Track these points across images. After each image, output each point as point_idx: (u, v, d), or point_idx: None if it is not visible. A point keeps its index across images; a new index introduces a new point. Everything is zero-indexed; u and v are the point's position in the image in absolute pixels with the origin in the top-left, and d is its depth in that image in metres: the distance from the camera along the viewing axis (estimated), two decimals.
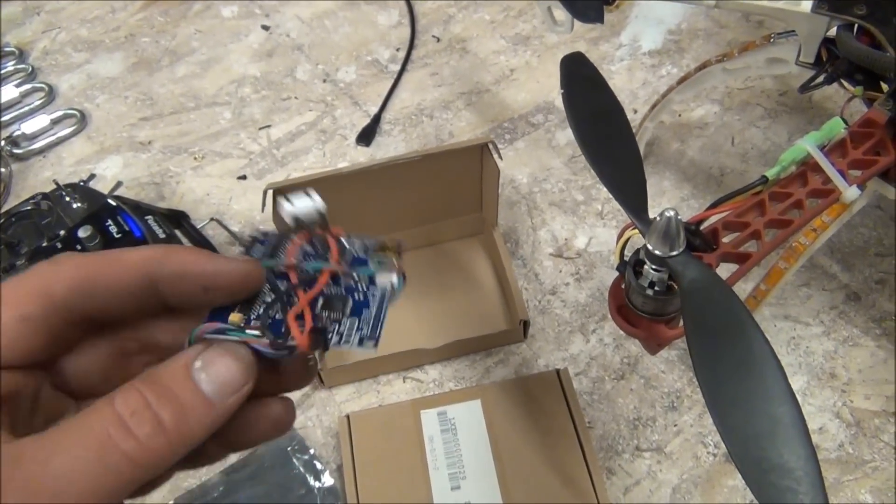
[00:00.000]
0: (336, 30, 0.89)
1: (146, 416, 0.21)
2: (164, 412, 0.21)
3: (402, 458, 0.55)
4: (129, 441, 0.21)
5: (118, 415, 0.21)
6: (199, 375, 0.23)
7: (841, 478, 0.55)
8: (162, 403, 0.22)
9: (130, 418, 0.21)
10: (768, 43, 0.59)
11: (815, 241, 0.52)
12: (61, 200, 0.64)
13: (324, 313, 0.27)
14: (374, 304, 0.27)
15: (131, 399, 0.21)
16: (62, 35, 0.91)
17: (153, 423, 0.21)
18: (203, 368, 0.23)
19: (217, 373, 0.23)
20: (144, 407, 0.21)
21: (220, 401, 0.23)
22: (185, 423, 0.22)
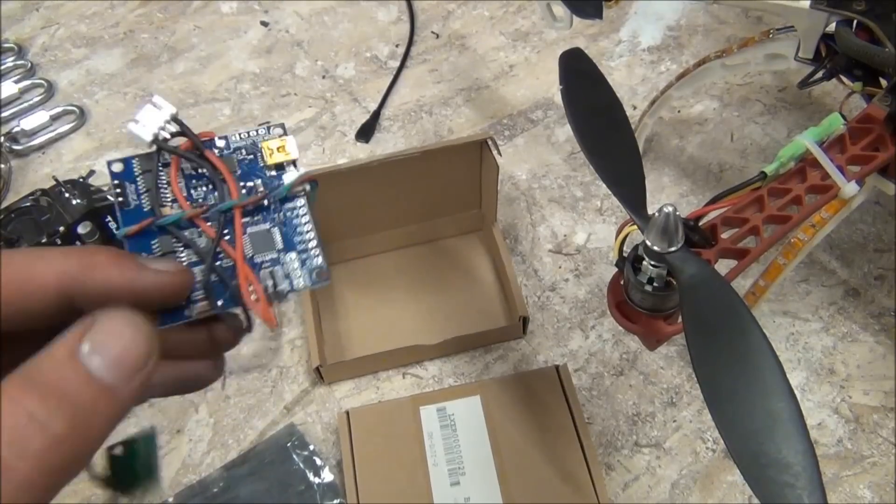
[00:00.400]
0: (335, 26, 0.89)
1: (33, 429, 0.17)
2: (55, 421, 0.18)
3: (402, 454, 0.56)
4: (22, 464, 0.17)
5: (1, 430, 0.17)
6: (90, 361, 0.19)
7: (840, 473, 0.56)
8: (48, 410, 0.18)
9: (16, 439, 0.17)
10: (767, 39, 0.59)
11: (813, 236, 0.52)
12: (60, 197, 0.64)
13: (259, 260, 0.24)
14: (302, 223, 0.25)
15: (10, 412, 0.17)
16: (61, 31, 0.91)
17: (43, 437, 0.17)
18: (94, 351, 0.19)
19: (112, 353, 0.19)
20: (27, 419, 0.17)
21: (124, 385, 0.19)
22: (85, 425, 0.18)
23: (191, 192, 0.25)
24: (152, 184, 0.25)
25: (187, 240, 0.24)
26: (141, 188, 0.25)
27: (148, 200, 0.25)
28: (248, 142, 0.26)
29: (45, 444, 0.17)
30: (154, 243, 0.24)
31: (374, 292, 0.67)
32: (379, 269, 0.68)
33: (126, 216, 0.24)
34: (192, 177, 0.25)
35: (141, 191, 0.25)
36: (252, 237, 0.24)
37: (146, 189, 0.25)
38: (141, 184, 0.25)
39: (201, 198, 0.25)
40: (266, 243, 0.24)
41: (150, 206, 0.24)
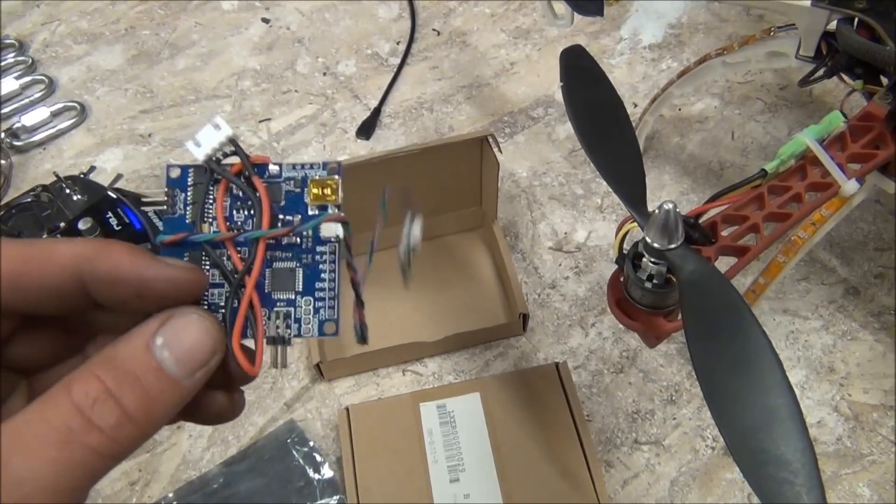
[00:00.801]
0: (336, 23, 0.89)
1: (108, 405, 0.20)
2: (128, 399, 0.20)
3: (402, 451, 0.56)
4: (92, 434, 0.19)
5: (78, 406, 0.19)
6: (161, 354, 0.21)
7: (839, 471, 0.56)
8: (124, 390, 0.20)
9: (92, 409, 0.19)
10: (768, 36, 0.59)
11: (814, 234, 0.52)
12: (61, 192, 0.64)
13: (276, 297, 0.24)
14: (326, 271, 0.24)
15: (90, 387, 0.20)
16: (62, 27, 0.91)
17: (117, 413, 0.20)
18: (166, 345, 0.21)
19: (181, 349, 0.21)
20: (105, 395, 0.20)
21: (187, 378, 0.21)
22: (152, 408, 0.20)
23: (233, 213, 0.25)
24: (200, 198, 0.25)
25: (216, 259, 0.24)
26: (189, 199, 0.25)
27: (192, 213, 0.25)
28: (299, 174, 0.25)
29: (116, 419, 0.20)
30: (184, 257, 0.24)
31: (374, 289, 0.67)
32: (379, 265, 0.68)
33: (168, 223, 0.25)
34: (239, 199, 0.25)
35: (188, 202, 0.25)
36: (275, 273, 0.24)
37: (193, 201, 0.25)
38: (190, 195, 0.25)
39: (241, 221, 0.25)
40: (287, 282, 0.24)
41: (192, 219, 0.25)
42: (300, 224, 0.24)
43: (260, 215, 0.24)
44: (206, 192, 0.25)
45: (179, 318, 0.22)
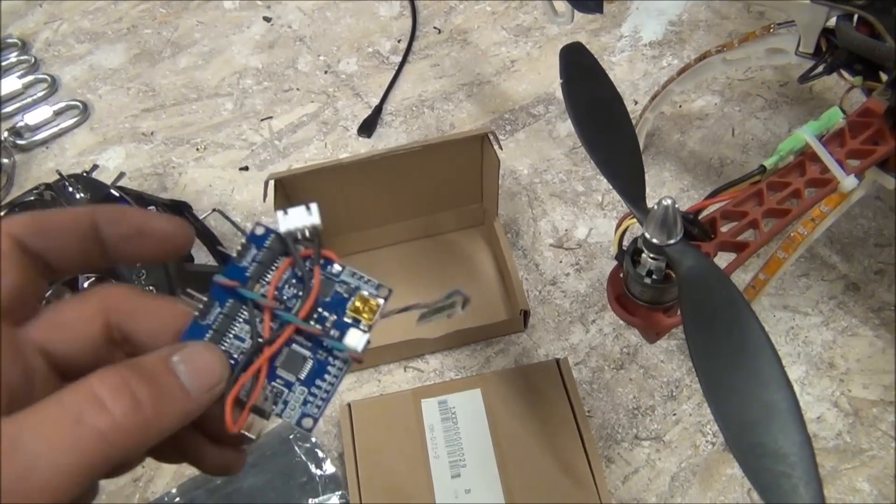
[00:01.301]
0: (337, 21, 0.89)
1: (123, 393, 0.21)
2: (142, 392, 0.21)
3: (403, 447, 0.56)
4: (103, 418, 0.20)
5: (93, 392, 0.21)
6: (177, 367, 0.23)
7: (839, 466, 0.56)
8: (140, 384, 0.21)
9: (107, 394, 0.21)
10: (768, 33, 0.59)
11: (813, 230, 0.52)
12: (64, 191, 0.65)
13: (280, 373, 0.26)
14: (331, 374, 0.26)
15: (109, 377, 0.21)
16: (64, 26, 0.92)
17: (130, 402, 0.21)
18: (181, 361, 0.23)
19: (194, 367, 0.23)
20: (122, 385, 0.21)
21: (196, 393, 0.23)
22: (162, 405, 0.22)
23: (285, 286, 0.26)
24: (266, 261, 0.26)
25: (251, 318, 0.26)
26: (258, 258, 0.27)
27: (253, 270, 0.26)
28: (354, 283, 0.27)
29: (128, 406, 0.21)
30: (228, 301, 0.26)
31: None
32: (380, 263, 0.68)
33: (232, 269, 0.26)
34: (296, 278, 0.26)
35: (256, 259, 0.27)
36: (290, 353, 0.26)
37: (259, 262, 0.27)
38: (261, 255, 0.27)
39: (287, 297, 0.26)
40: (295, 366, 0.26)
41: (250, 275, 0.26)
42: (331, 328, 0.26)
43: (304, 302, 0.26)
44: (273, 260, 0.27)
45: (195, 346, 0.24)
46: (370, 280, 0.27)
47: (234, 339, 0.26)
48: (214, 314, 0.26)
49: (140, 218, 0.26)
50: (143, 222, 0.26)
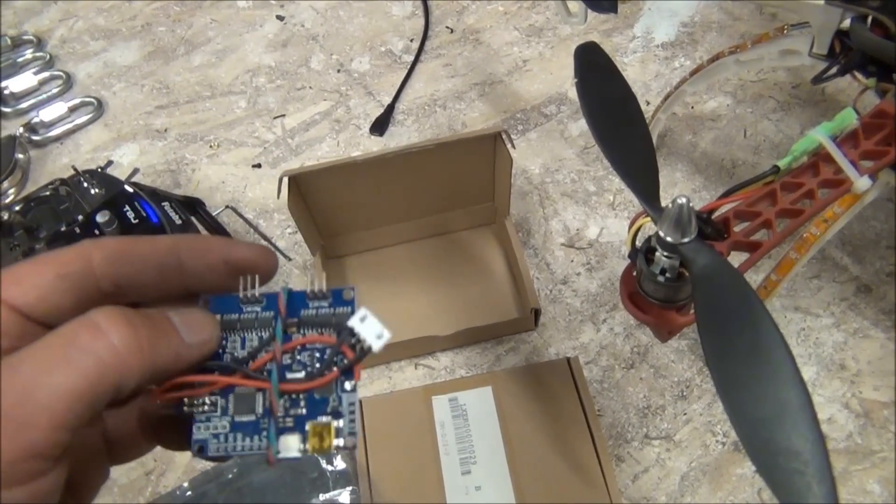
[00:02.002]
0: (350, 20, 0.90)
1: (122, 322, 0.21)
2: (139, 324, 0.22)
3: (414, 443, 0.56)
4: (100, 341, 0.21)
5: (92, 320, 0.21)
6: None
7: (849, 468, 0.56)
8: (137, 318, 0.22)
9: (105, 322, 0.21)
10: (782, 34, 0.59)
11: (826, 231, 0.52)
12: (79, 186, 0.65)
13: None
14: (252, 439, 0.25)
15: (108, 309, 0.22)
16: (79, 23, 0.92)
17: (128, 329, 0.21)
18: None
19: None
20: (121, 315, 0.22)
21: (189, 339, 0.24)
22: (158, 339, 0.23)
23: (305, 350, 0.26)
24: (314, 319, 0.26)
25: (257, 346, 0.26)
26: (275, 318, 0.26)
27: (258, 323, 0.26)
28: (343, 410, 0.26)
29: (125, 333, 0.21)
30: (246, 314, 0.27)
31: (387, 284, 0.67)
32: (392, 260, 0.69)
33: (229, 301, 0.27)
34: (320, 357, 0.26)
35: (271, 316, 0.26)
36: (244, 396, 0.26)
37: (267, 327, 0.26)
38: (280, 321, 0.26)
39: (295, 358, 0.26)
40: (245, 406, 0.26)
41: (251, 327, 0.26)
42: (285, 416, 0.25)
43: (301, 382, 0.25)
44: (286, 332, 0.26)
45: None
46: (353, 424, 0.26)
47: (233, 341, 0.26)
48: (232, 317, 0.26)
49: (224, 248, 0.26)
50: (228, 252, 0.26)
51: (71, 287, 0.24)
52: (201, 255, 0.26)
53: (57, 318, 0.24)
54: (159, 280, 0.25)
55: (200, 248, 0.26)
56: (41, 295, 0.23)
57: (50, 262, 0.24)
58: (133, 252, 0.25)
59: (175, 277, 0.26)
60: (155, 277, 0.25)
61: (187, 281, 0.26)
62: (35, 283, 0.23)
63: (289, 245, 0.71)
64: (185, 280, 0.26)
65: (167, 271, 0.25)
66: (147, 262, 0.25)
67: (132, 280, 0.25)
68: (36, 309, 0.23)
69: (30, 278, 0.23)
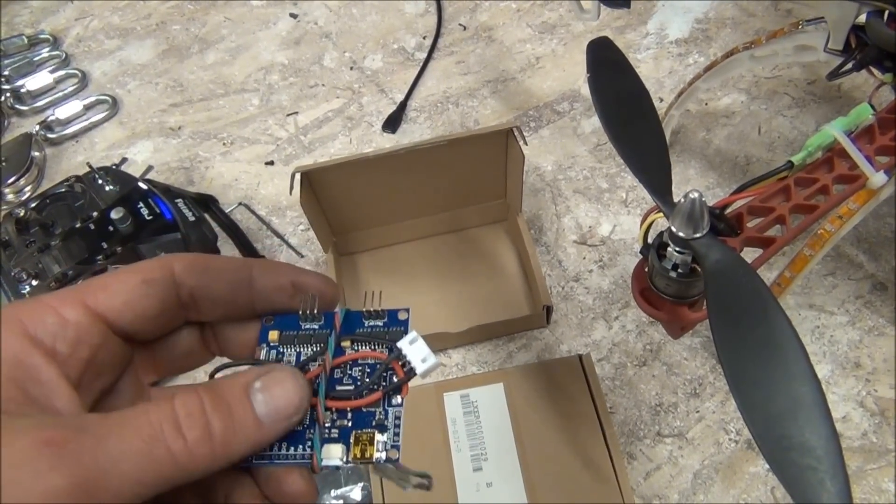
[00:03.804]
0: (363, 18, 0.90)
1: (199, 420, 0.22)
2: (216, 420, 0.22)
3: (425, 440, 0.56)
4: (177, 441, 0.21)
5: (175, 413, 0.22)
6: (255, 396, 0.24)
7: (864, 466, 0.55)
8: (215, 412, 0.22)
9: (184, 419, 0.22)
10: (797, 30, 0.58)
11: (840, 228, 0.52)
12: (94, 183, 0.66)
13: None
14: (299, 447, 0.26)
15: (189, 401, 0.22)
16: (95, 22, 0.93)
17: (203, 429, 0.22)
18: (261, 389, 0.24)
19: (273, 396, 0.24)
20: (199, 411, 0.22)
21: (270, 424, 0.24)
22: (232, 436, 0.23)
23: (355, 366, 0.27)
24: (329, 347, 0.27)
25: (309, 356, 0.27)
26: (330, 335, 0.27)
27: (313, 338, 0.28)
28: (388, 423, 0.27)
29: (200, 434, 0.22)
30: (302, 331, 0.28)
31: (400, 280, 0.67)
32: (404, 257, 0.69)
33: (289, 320, 0.28)
34: (370, 372, 0.27)
35: (324, 332, 0.28)
36: None
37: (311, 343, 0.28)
38: (333, 336, 0.27)
39: (344, 374, 0.27)
40: None
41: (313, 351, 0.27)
42: (331, 427, 0.26)
43: (349, 397, 0.26)
44: (338, 343, 0.27)
45: (279, 372, 0.25)
46: (398, 438, 0.26)
47: None
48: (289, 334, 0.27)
49: (293, 271, 0.28)
50: (296, 275, 0.28)
51: (156, 293, 0.25)
52: (272, 276, 0.27)
53: (142, 326, 0.25)
54: (230, 294, 0.27)
55: (272, 268, 0.27)
56: (128, 300, 0.24)
57: (134, 270, 0.25)
58: (210, 264, 0.26)
59: (244, 293, 0.27)
60: (226, 291, 0.26)
61: (255, 298, 0.27)
62: (121, 288, 0.24)
63: (301, 242, 0.71)
64: (253, 297, 0.27)
65: (239, 287, 0.27)
66: (222, 275, 0.26)
67: (206, 292, 0.26)
68: (122, 316, 0.24)
69: (116, 284, 0.24)
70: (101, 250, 0.61)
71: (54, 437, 0.20)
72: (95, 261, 0.60)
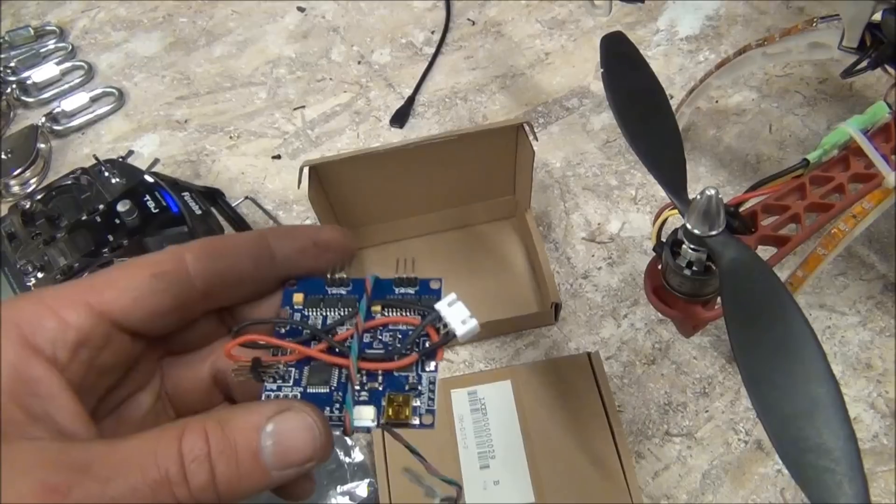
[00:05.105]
0: (371, 12, 0.89)
1: (204, 467, 0.21)
2: (221, 466, 0.21)
3: (432, 436, 0.56)
4: (181, 488, 0.21)
5: (182, 456, 0.21)
6: (265, 441, 0.22)
7: (875, 468, 0.55)
8: (221, 456, 0.21)
9: (189, 464, 0.21)
10: (810, 27, 0.58)
11: (854, 227, 0.51)
12: (100, 176, 0.65)
13: None
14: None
15: (197, 443, 0.21)
16: (101, 14, 0.92)
17: (207, 476, 0.21)
18: (272, 434, 0.22)
19: (284, 445, 0.22)
20: (205, 456, 0.21)
21: (277, 473, 0.22)
22: (236, 484, 0.22)
23: (386, 330, 0.26)
24: (361, 309, 0.26)
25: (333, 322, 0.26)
26: (401, 292, 0.27)
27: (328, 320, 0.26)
28: (422, 388, 0.26)
29: (204, 482, 0.21)
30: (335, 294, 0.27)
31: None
32: (412, 253, 0.68)
33: (314, 283, 0.27)
34: (402, 337, 0.26)
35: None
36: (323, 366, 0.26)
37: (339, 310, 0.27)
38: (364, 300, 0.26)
39: (375, 337, 0.26)
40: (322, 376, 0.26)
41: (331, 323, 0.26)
42: (362, 390, 0.25)
43: (380, 360, 0.25)
44: (369, 308, 0.26)
45: (296, 414, 0.23)
46: (433, 402, 0.26)
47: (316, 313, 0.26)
48: None
49: (310, 231, 0.27)
50: (315, 234, 0.27)
51: (167, 288, 0.23)
52: (290, 240, 0.26)
53: (153, 324, 0.24)
54: (254, 270, 0.26)
55: (288, 233, 0.26)
56: (137, 297, 0.23)
57: (143, 263, 0.23)
58: (224, 246, 0.25)
59: (267, 266, 0.26)
60: (250, 268, 0.25)
61: (279, 268, 0.26)
62: (130, 285, 0.23)
63: None
64: (277, 268, 0.26)
65: (260, 261, 0.26)
66: (240, 254, 0.25)
67: (226, 276, 0.25)
68: (130, 315, 0.23)
69: (124, 280, 0.23)
70: (107, 243, 0.60)
71: (57, 483, 0.19)
72: (101, 253, 0.60)
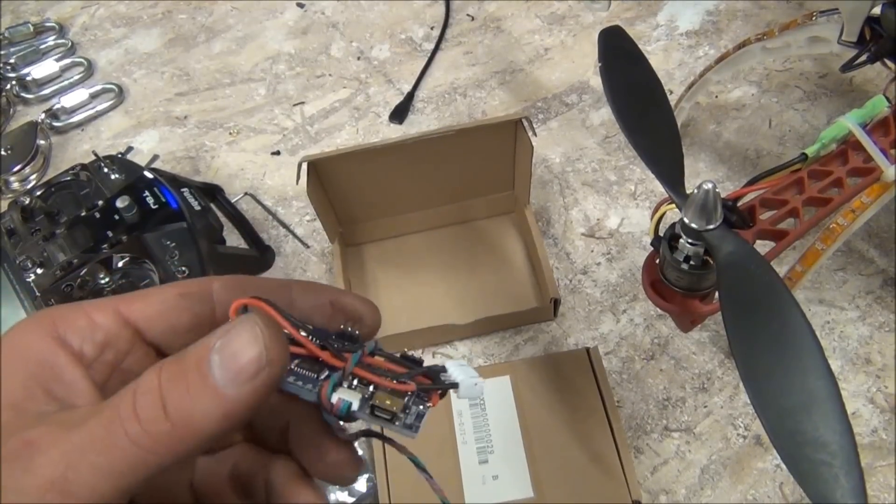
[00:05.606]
0: (371, 8, 0.89)
1: (152, 398, 0.20)
2: (170, 395, 0.20)
3: (431, 432, 0.56)
4: (133, 423, 0.19)
5: (133, 395, 0.20)
6: (213, 358, 0.20)
7: (874, 463, 0.55)
8: (171, 384, 0.20)
9: (139, 397, 0.20)
10: (810, 21, 0.58)
11: (853, 221, 0.51)
12: (99, 172, 0.65)
13: None
14: None
15: (146, 379, 0.20)
16: (101, 11, 0.92)
17: (157, 408, 0.20)
18: (220, 349, 0.20)
19: (230, 356, 0.20)
20: (154, 389, 0.20)
21: (232, 390, 0.20)
22: (189, 411, 0.20)
23: None
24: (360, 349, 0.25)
25: None
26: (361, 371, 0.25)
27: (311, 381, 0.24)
28: (411, 417, 0.25)
29: (154, 413, 0.20)
30: None
31: (406, 272, 0.67)
32: (411, 248, 0.68)
33: None
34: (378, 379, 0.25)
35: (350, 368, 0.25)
36: None
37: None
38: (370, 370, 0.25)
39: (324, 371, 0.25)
40: None
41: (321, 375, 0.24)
42: None
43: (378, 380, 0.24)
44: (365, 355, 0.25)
45: (240, 324, 0.21)
46: (419, 422, 0.25)
47: None
48: None
49: (335, 292, 0.27)
50: (337, 297, 0.27)
51: (190, 306, 0.25)
52: (312, 295, 0.26)
53: (174, 338, 0.24)
54: None
55: (311, 288, 0.27)
56: (162, 310, 0.24)
57: (174, 284, 0.25)
58: (250, 283, 0.26)
59: None
60: None
61: None
62: (156, 299, 0.24)
63: (307, 232, 0.71)
64: None
65: (280, 305, 0.25)
66: (263, 293, 0.24)
67: None
68: (153, 325, 0.24)
69: (153, 296, 0.25)
70: (107, 239, 0.60)
71: (37, 436, 0.19)
72: (100, 249, 0.60)
